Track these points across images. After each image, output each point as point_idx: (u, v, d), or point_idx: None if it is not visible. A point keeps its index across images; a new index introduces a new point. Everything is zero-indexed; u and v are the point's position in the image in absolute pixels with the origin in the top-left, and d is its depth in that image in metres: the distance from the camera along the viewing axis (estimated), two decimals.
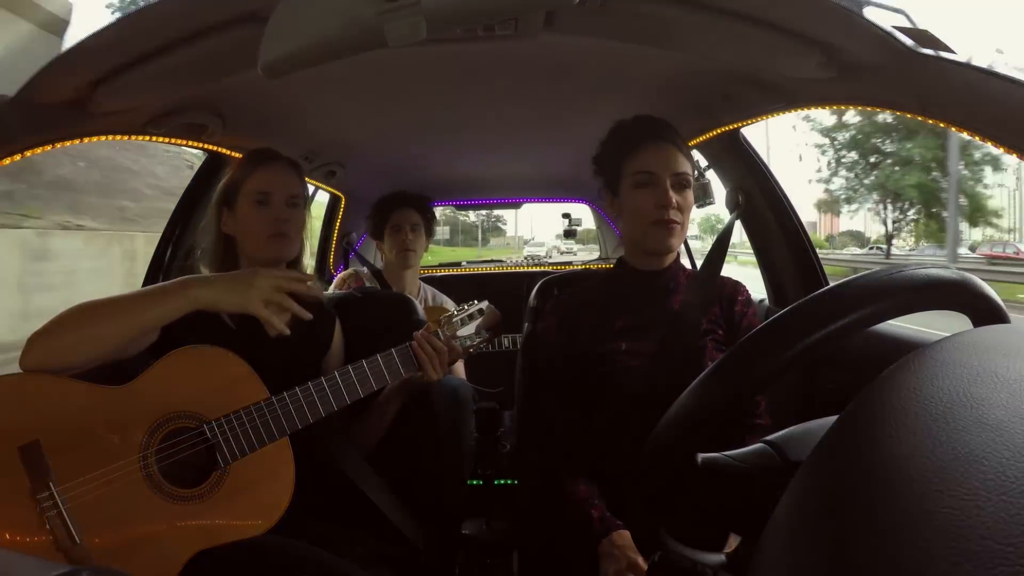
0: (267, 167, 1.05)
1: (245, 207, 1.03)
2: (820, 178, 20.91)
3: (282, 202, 1.03)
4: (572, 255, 11.05)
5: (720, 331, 1.04)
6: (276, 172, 1.04)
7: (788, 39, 0.76)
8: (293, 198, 1.04)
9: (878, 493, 0.25)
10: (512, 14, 0.56)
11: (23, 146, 0.83)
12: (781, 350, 0.37)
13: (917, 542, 0.22)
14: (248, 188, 1.03)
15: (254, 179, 1.03)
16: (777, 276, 1.41)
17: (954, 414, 0.26)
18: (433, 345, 1.01)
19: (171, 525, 0.83)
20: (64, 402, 0.82)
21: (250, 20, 0.71)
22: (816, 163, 20.78)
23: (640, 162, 0.98)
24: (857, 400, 0.31)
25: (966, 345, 0.32)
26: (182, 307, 0.85)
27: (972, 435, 0.24)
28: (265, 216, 1.02)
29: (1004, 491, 0.21)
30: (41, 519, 0.76)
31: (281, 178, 1.04)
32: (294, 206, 1.05)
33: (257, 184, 1.03)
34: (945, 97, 0.69)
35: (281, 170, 1.05)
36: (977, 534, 0.20)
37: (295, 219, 1.04)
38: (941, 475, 0.23)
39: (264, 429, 0.89)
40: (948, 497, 0.22)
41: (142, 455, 0.83)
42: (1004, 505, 0.21)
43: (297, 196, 1.05)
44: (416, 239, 1.87)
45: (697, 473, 0.43)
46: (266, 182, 1.03)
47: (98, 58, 0.73)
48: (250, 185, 1.03)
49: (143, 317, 0.84)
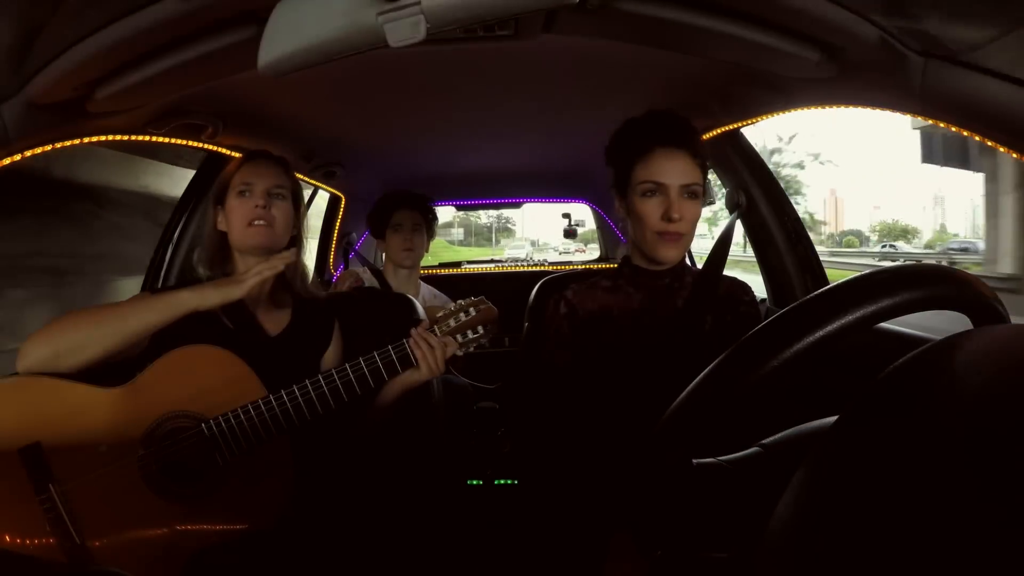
0: (252, 162, 1.08)
1: (231, 200, 1.05)
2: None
3: (263, 191, 1.05)
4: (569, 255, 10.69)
5: (725, 330, 1.05)
6: (259, 165, 1.08)
7: (788, 39, 0.76)
8: (276, 187, 1.06)
9: (878, 491, 0.25)
10: (512, 14, 0.56)
11: (23, 146, 0.83)
12: (779, 352, 0.37)
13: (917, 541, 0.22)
14: (234, 183, 1.06)
15: (239, 174, 1.06)
16: (777, 276, 1.41)
17: (954, 415, 0.26)
18: (429, 341, 1.01)
19: (170, 524, 0.83)
20: (64, 403, 0.82)
21: (250, 20, 0.71)
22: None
23: (649, 171, 0.96)
24: (857, 399, 0.31)
25: (966, 345, 0.32)
26: (169, 313, 0.88)
27: (972, 436, 0.24)
28: (246, 205, 1.04)
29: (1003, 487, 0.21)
30: (42, 519, 0.77)
31: (263, 170, 1.07)
32: (277, 196, 1.06)
33: (241, 177, 1.06)
34: (945, 97, 0.69)
35: (264, 164, 1.08)
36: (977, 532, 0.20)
37: (277, 209, 1.05)
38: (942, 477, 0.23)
39: (263, 428, 0.89)
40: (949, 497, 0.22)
41: (141, 455, 0.83)
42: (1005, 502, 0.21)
43: (280, 187, 1.07)
44: (417, 239, 1.87)
45: (692, 477, 0.43)
46: (249, 174, 1.06)
47: (98, 58, 0.73)
48: (236, 179, 1.06)
49: (131, 323, 0.87)
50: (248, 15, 0.70)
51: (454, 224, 19.83)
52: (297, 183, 1.12)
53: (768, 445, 0.46)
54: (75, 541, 0.77)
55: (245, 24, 0.72)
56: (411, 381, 1.04)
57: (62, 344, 0.84)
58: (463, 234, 22.55)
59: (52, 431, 0.80)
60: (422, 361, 1.01)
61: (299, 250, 1.11)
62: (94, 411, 0.83)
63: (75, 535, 0.77)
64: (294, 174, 1.12)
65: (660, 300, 1.05)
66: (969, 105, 0.67)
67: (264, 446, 0.90)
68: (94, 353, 0.85)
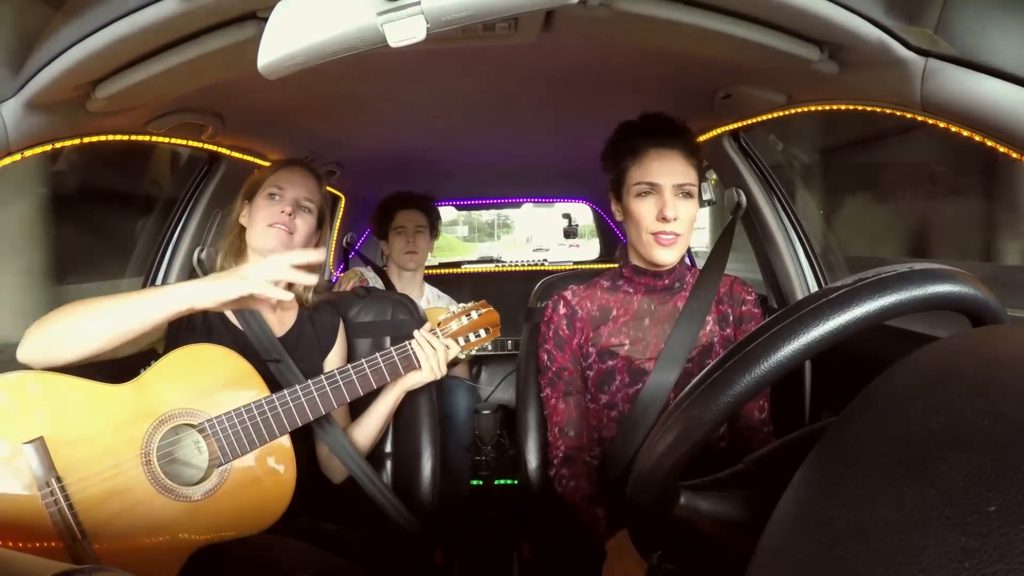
0: (288, 169, 1.10)
1: (260, 200, 1.07)
2: None
3: (292, 199, 1.06)
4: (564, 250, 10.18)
5: (728, 329, 1.05)
6: (295, 173, 1.09)
7: (788, 38, 0.76)
8: (306, 199, 1.08)
9: (879, 493, 0.25)
10: (512, 14, 0.56)
11: (23, 146, 0.83)
12: (777, 352, 0.37)
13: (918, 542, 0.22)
14: (267, 184, 1.08)
15: (275, 176, 1.08)
16: (777, 276, 1.41)
17: (955, 414, 0.26)
18: (432, 344, 1.02)
19: (172, 521, 0.83)
20: (68, 400, 0.82)
21: (250, 20, 0.71)
22: None
23: (642, 172, 0.97)
24: (857, 401, 0.31)
25: (966, 345, 0.32)
26: (170, 307, 0.83)
27: (972, 436, 0.24)
28: (273, 208, 1.05)
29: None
30: (44, 515, 0.77)
31: (298, 179, 1.09)
32: (304, 209, 1.08)
33: (275, 180, 1.08)
34: (945, 97, 0.69)
35: (299, 173, 1.10)
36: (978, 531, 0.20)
37: (302, 220, 1.07)
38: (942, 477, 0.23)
39: (265, 427, 0.89)
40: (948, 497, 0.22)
41: (144, 452, 0.83)
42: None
43: (310, 200, 1.09)
44: (421, 241, 1.87)
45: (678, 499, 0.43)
46: (283, 179, 1.08)
47: (98, 58, 0.73)
48: (270, 181, 1.08)
49: (133, 316, 0.83)
50: (248, 15, 0.70)
51: (458, 222, 20.90)
52: (326, 200, 1.14)
53: (753, 460, 0.46)
54: (77, 537, 0.77)
55: (245, 24, 0.72)
56: (413, 383, 1.05)
57: (63, 333, 0.82)
58: (467, 231, 23.90)
59: (56, 427, 0.80)
60: (424, 363, 1.02)
61: (322, 269, 1.12)
62: (98, 407, 0.83)
63: (77, 531, 0.77)
64: (325, 188, 1.14)
65: (660, 300, 1.05)
66: (969, 105, 0.67)
67: (266, 445, 0.90)
68: (95, 343, 0.82)
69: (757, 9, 0.71)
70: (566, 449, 1.02)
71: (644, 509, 0.43)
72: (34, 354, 0.83)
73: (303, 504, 0.96)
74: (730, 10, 0.72)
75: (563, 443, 1.03)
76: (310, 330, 1.11)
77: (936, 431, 0.26)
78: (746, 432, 1.01)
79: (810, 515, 0.26)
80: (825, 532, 0.25)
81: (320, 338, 1.12)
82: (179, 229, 1.39)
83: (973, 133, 0.70)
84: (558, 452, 1.03)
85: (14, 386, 0.81)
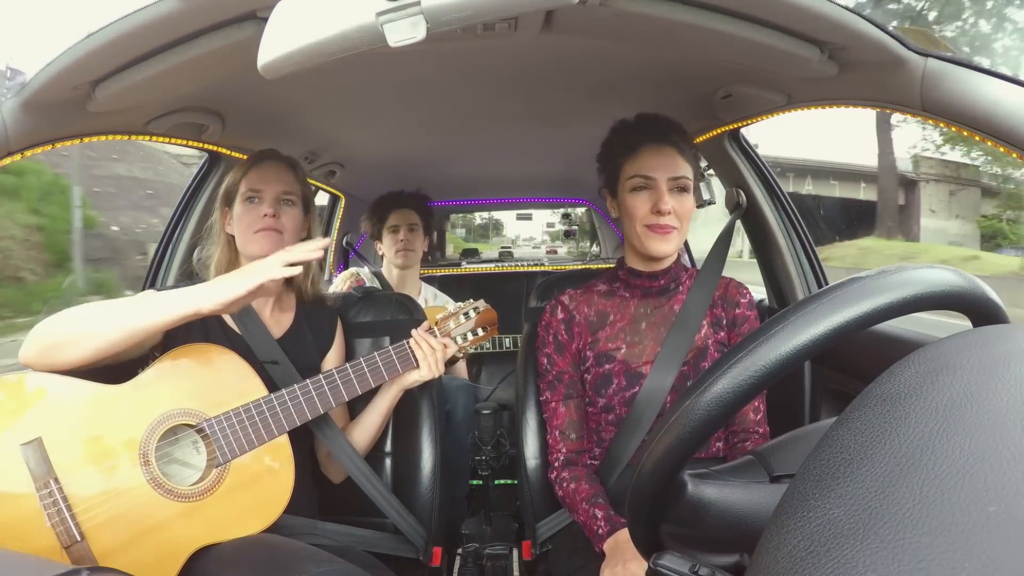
0: (260, 166, 1.06)
1: (239, 206, 1.04)
2: None
3: (271, 198, 1.03)
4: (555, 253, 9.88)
5: (722, 332, 1.04)
6: (268, 170, 1.05)
7: (788, 38, 0.76)
8: (285, 195, 1.05)
9: (879, 495, 0.25)
10: (512, 14, 0.56)
11: (23, 146, 0.83)
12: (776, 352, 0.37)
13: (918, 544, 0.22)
14: (243, 187, 1.05)
15: (248, 178, 1.05)
16: (777, 276, 1.41)
17: (955, 415, 0.26)
18: (430, 342, 1.01)
19: (171, 522, 0.83)
20: (66, 400, 0.82)
21: (249, 20, 0.71)
22: None
23: (637, 165, 0.97)
24: (857, 401, 0.31)
25: (966, 345, 0.32)
26: (172, 312, 0.82)
27: (973, 436, 0.24)
28: (254, 212, 1.03)
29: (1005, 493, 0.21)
30: (42, 516, 0.77)
31: (272, 175, 1.05)
32: (286, 203, 1.05)
33: (250, 183, 1.04)
34: (945, 97, 0.69)
35: (274, 168, 1.06)
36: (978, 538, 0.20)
37: (287, 216, 1.04)
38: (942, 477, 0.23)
39: (263, 427, 0.89)
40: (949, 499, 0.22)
41: (142, 452, 0.83)
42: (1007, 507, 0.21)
43: (290, 193, 1.05)
44: (414, 239, 1.86)
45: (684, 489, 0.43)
46: (257, 180, 1.04)
47: (98, 58, 0.73)
48: (244, 184, 1.05)
49: (133, 320, 0.82)
50: (248, 15, 0.70)
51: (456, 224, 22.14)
52: (307, 186, 1.10)
53: (760, 452, 0.46)
54: (75, 538, 0.77)
55: (245, 24, 0.72)
56: (411, 382, 1.05)
57: (64, 335, 0.82)
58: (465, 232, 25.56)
59: (54, 427, 0.80)
60: (422, 362, 1.01)
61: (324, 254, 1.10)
62: (96, 408, 0.83)
63: (75, 532, 0.77)
64: (303, 175, 1.11)
65: (656, 304, 1.05)
66: (969, 105, 0.67)
67: (264, 445, 0.90)
68: (95, 347, 0.82)
69: (757, 9, 0.71)
70: (567, 452, 1.02)
71: (649, 505, 0.43)
72: (36, 357, 0.83)
73: (302, 504, 0.96)
74: (730, 10, 0.72)
75: (564, 446, 1.03)
76: (308, 330, 1.11)
77: (936, 431, 0.26)
78: (741, 434, 1.01)
79: (810, 515, 0.26)
80: (825, 532, 0.25)
81: (318, 338, 1.12)
82: (179, 229, 1.39)
83: (973, 133, 0.70)
84: (559, 455, 1.03)
85: (12, 386, 0.81)
